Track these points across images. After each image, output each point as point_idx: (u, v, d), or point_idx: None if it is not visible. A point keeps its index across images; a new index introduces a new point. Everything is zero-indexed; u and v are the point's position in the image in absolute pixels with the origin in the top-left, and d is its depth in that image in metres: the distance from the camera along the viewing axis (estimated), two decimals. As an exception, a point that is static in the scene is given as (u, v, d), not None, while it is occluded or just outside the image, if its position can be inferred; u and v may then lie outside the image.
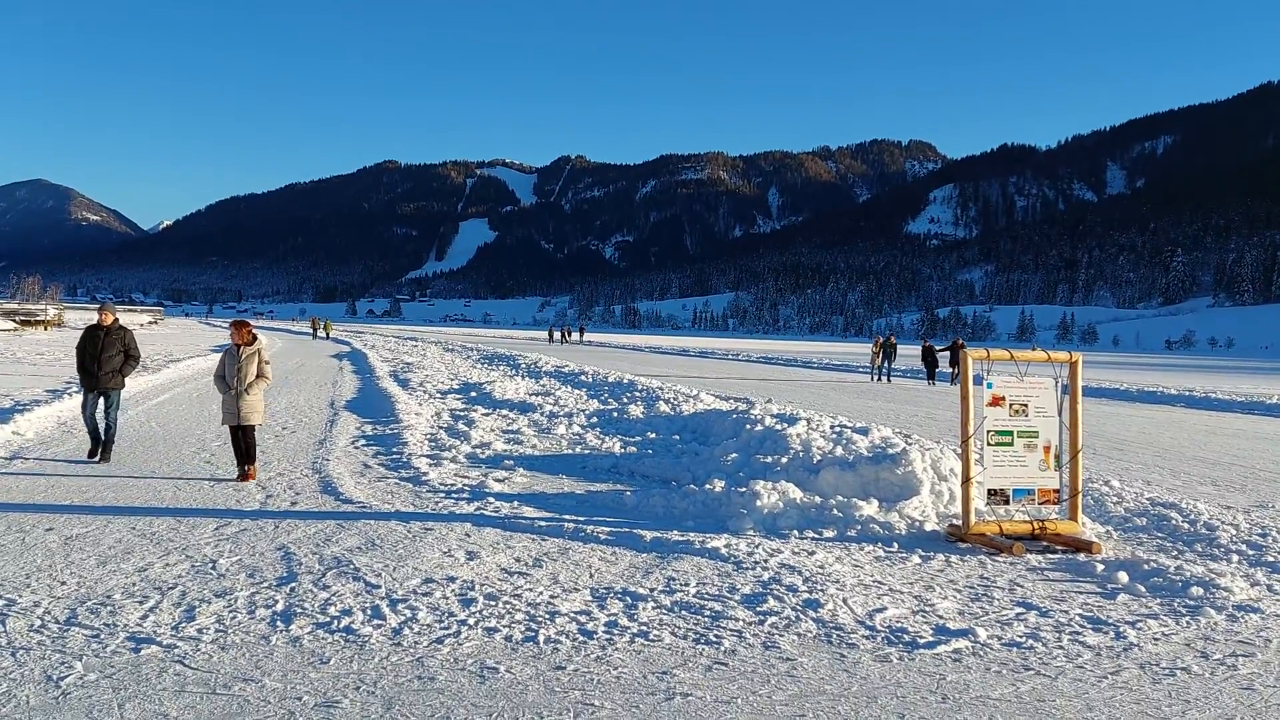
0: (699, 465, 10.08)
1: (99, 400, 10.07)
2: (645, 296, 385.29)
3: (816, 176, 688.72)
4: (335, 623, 4.78)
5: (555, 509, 7.95)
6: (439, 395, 18.60)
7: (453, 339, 74.03)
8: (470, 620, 4.88)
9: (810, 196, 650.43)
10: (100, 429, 10.05)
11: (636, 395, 17.80)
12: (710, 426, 12.66)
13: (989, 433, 7.29)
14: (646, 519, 7.63)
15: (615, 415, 14.89)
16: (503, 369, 28.35)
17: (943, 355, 30.05)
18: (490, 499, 8.24)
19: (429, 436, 12.30)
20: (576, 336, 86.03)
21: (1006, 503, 7.28)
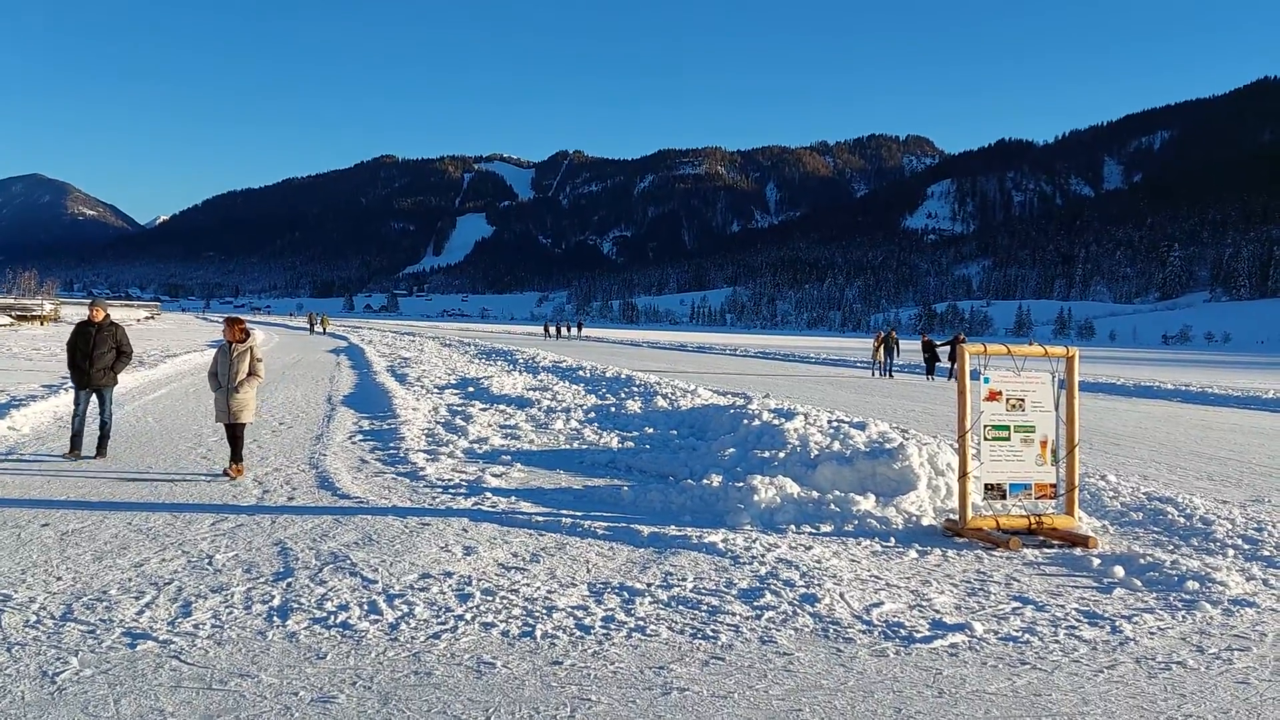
0: (696, 460, 10.09)
1: (91, 398, 9.90)
2: (643, 291, 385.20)
3: (814, 171, 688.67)
4: (332, 618, 4.78)
5: (553, 504, 7.95)
6: (436, 390, 18.60)
7: (450, 334, 74.01)
8: (467, 615, 4.88)
9: (808, 191, 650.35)
10: (96, 426, 9.92)
11: (634, 390, 17.79)
12: (708, 421, 12.66)
13: (986, 427, 7.30)
14: (644, 514, 7.63)
15: (613, 410, 14.89)
16: (500, 364, 28.34)
17: (943, 351, 30.04)
18: (487, 494, 8.24)
19: (426, 432, 12.29)
20: (572, 331, 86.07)
21: (1003, 497, 7.29)
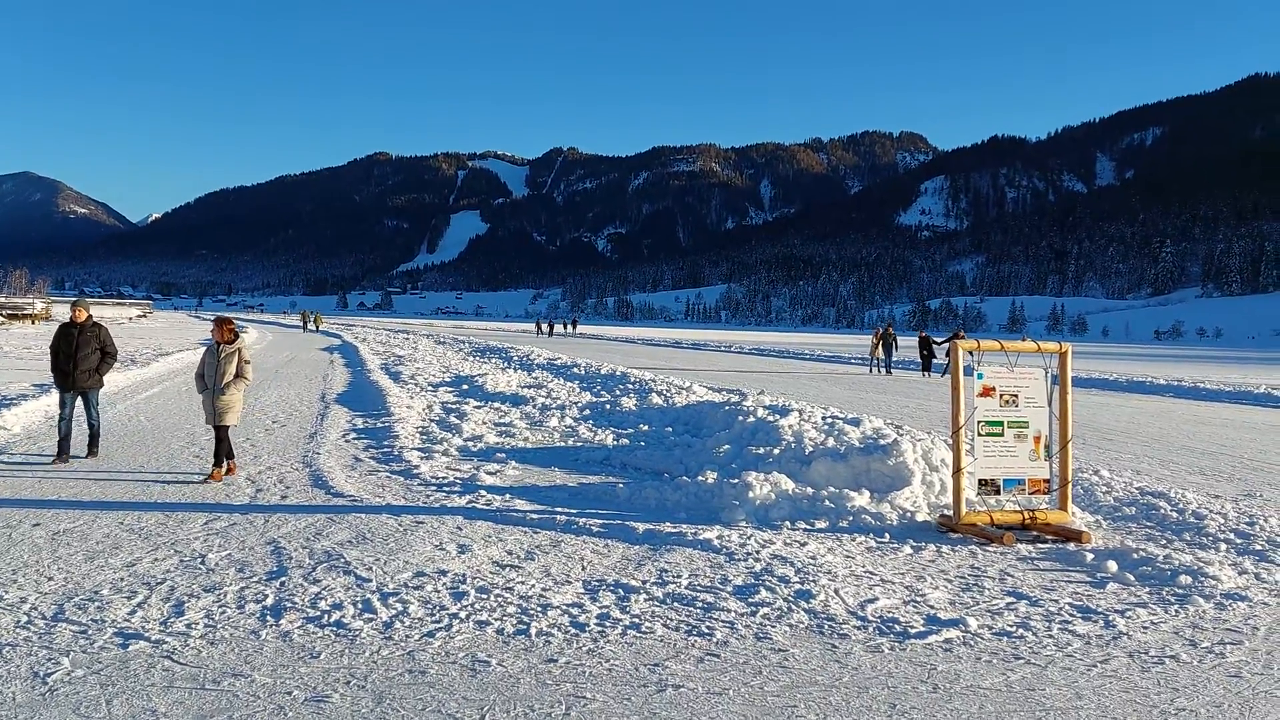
0: (691, 457, 10.08)
1: (76, 401, 9.63)
2: (638, 288, 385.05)
3: (808, 168, 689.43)
4: (326, 617, 4.76)
5: (547, 502, 7.94)
6: (430, 388, 18.57)
7: (444, 331, 73.89)
8: (462, 613, 4.87)
9: (802, 188, 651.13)
10: (85, 428, 9.78)
11: (629, 387, 17.78)
12: (703, 418, 12.65)
13: (980, 423, 7.31)
14: (639, 511, 7.63)
15: (608, 407, 14.88)
16: (495, 362, 28.31)
17: (941, 348, 30.01)
18: (482, 492, 8.23)
19: (420, 429, 12.26)
20: (563, 329, 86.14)
21: (997, 493, 7.30)
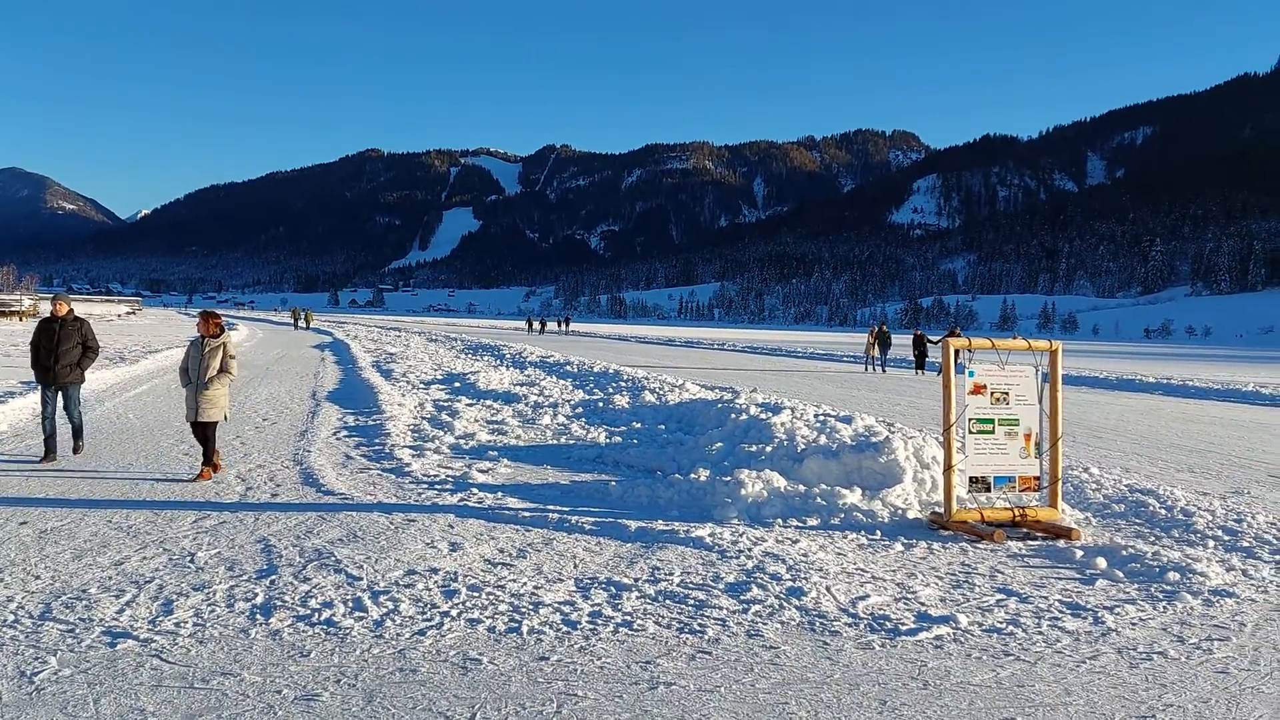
0: (684, 455, 10.08)
1: (58, 397, 9.48)
2: (631, 286, 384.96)
3: (801, 166, 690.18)
4: (316, 615, 4.75)
5: (540, 499, 7.93)
6: (422, 386, 18.53)
7: (436, 329, 73.76)
8: (453, 612, 4.86)
9: (795, 186, 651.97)
10: (68, 426, 9.61)
11: (622, 385, 17.77)
12: (695, 416, 12.65)
13: (970, 421, 7.32)
14: (631, 509, 7.62)
15: (600, 405, 14.86)
16: (487, 359, 28.26)
17: (935, 346, 30.07)
18: (474, 490, 8.21)
19: (412, 427, 12.24)
20: (554, 326, 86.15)
21: (988, 490, 7.32)
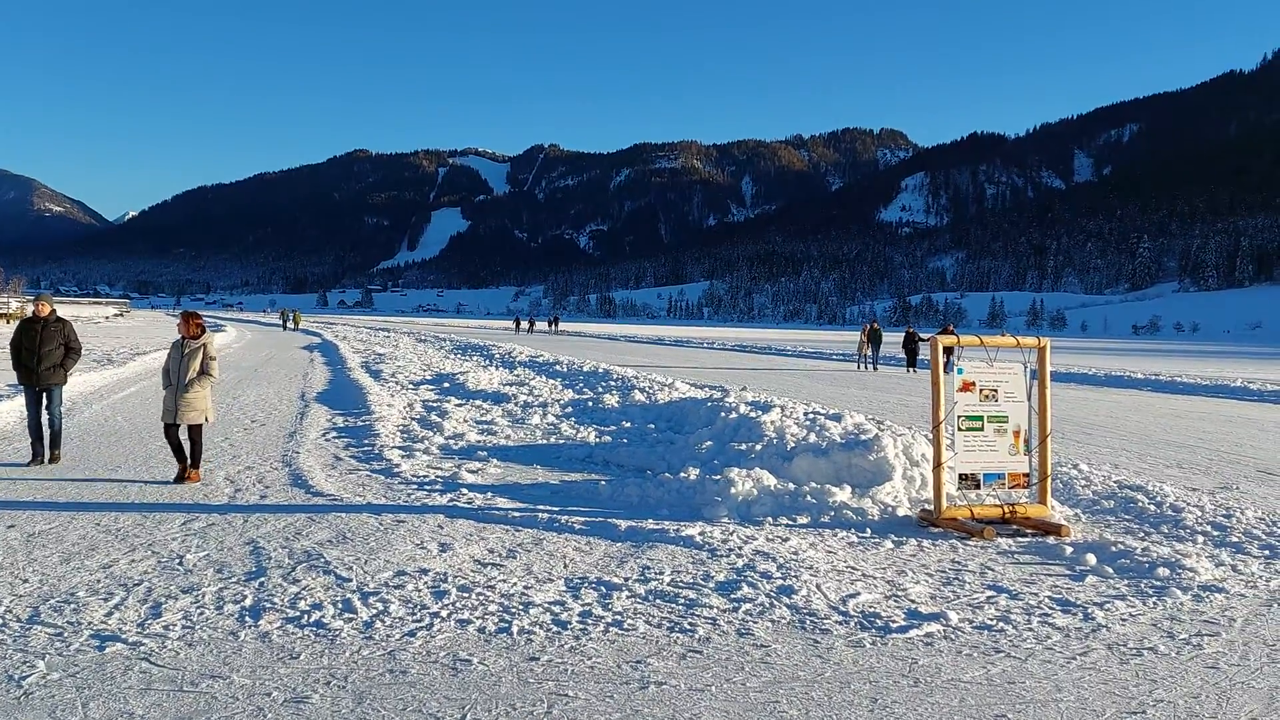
0: (674, 454, 10.08)
1: (42, 398, 9.35)
2: (620, 285, 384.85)
3: (789, 165, 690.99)
4: (305, 617, 4.73)
5: (529, 499, 7.92)
6: (411, 386, 18.48)
7: (425, 329, 73.59)
8: (443, 612, 4.85)
9: (784, 185, 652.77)
10: (46, 427, 9.39)
11: (611, 384, 17.77)
12: (685, 415, 12.66)
13: (960, 418, 7.34)
14: (621, 508, 7.62)
15: (590, 405, 14.85)
16: (476, 359, 28.21)
17: (926, 344, 30.10)
18: (463, 490, 8.19)
19: (401, 428, 12.20)
20: (543, 326, 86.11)
21: (977, 487, 7.34)
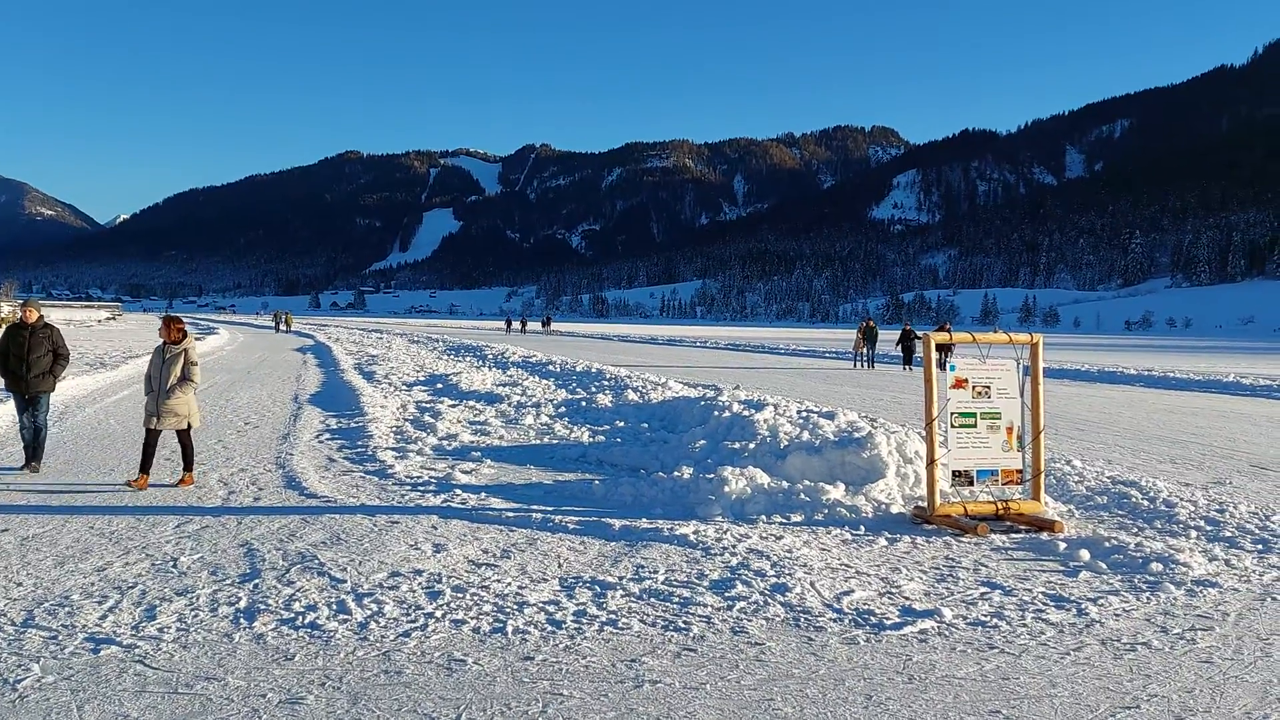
0: (667, 453, 10.09)
1: (28, 406, 9.12)
2: (613, 285, 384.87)
3: (781, 163, 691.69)
4: (300, 619, 4.72)
5: (523, 500, 7.91)
6: (405, 387, 18.46)
7: (418, 330, 73.47)
8: (437, 613, 4.85)
9: (776, 183, 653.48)
10: (31, 435, 9.17)
11: (605, 384, 17.76)
12: (678, 414, 12.66)
13: (953, 415, 7.36)
14: (615, 508, 7.62)
15: (583, 405, 14.85)
16: (469, 360, 28.18)
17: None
18: (457, 491, 8.19)
19: (395, 429, 12.19)
20: (536, 326, 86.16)
21: (971, 484, 7.36)
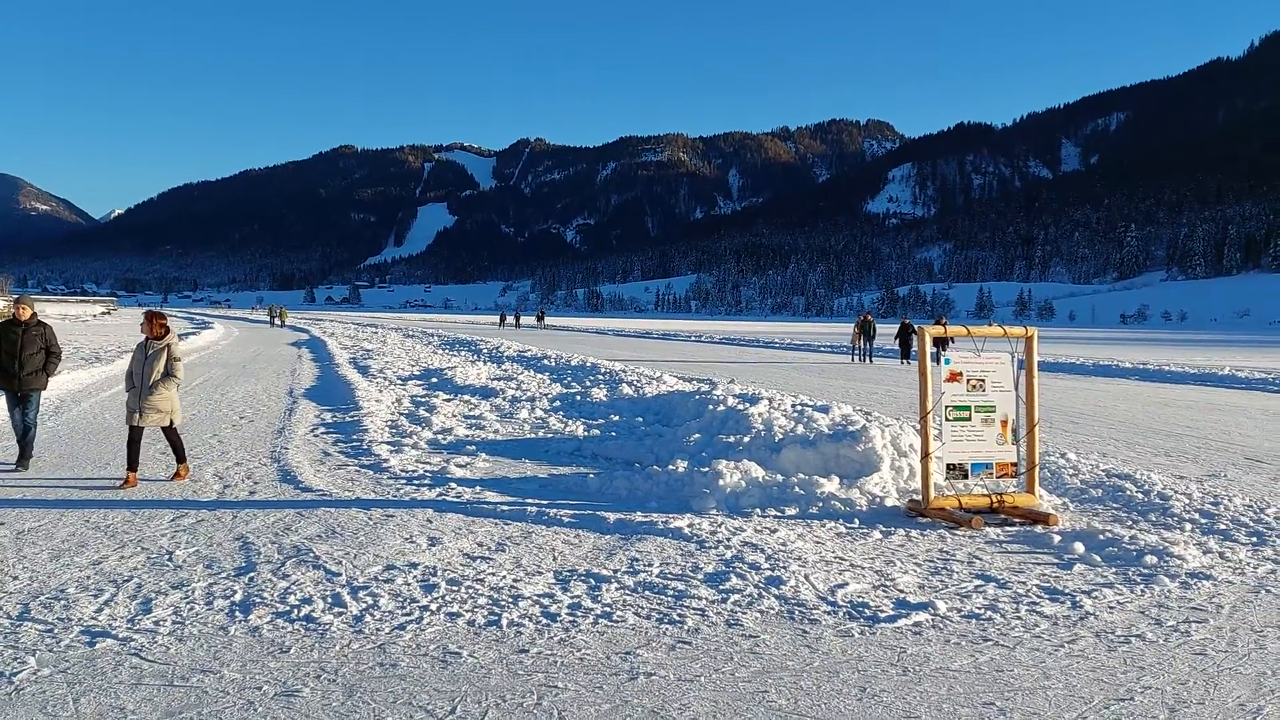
0: (662, 446, 10.09)
1: (19, 403, 9.05)
2: (607, 279, 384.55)
3: (776, 157, 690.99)
4: (295, 612, 4.73)
5: (518, 493, 7.92)
6: (400, 381, 18.44)
7: (413, 325, 73.40)
8: (432, 606, 4.85)
9: (770, 177, 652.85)
10: (37, 429, 9.20)
11: (599, 378, 17.77)
12: (673, 408, 12.67)
13: (947, 408, 7.37)
14: (610, 501, 7.63)
15: (578, 398, 14.85)
16: (464, 354, 28.16)
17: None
18: (452, 484, 8.19)
19: (390, 423, 12.18)
20: (530, 320, 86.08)
21: (965, 477, 7.37)
